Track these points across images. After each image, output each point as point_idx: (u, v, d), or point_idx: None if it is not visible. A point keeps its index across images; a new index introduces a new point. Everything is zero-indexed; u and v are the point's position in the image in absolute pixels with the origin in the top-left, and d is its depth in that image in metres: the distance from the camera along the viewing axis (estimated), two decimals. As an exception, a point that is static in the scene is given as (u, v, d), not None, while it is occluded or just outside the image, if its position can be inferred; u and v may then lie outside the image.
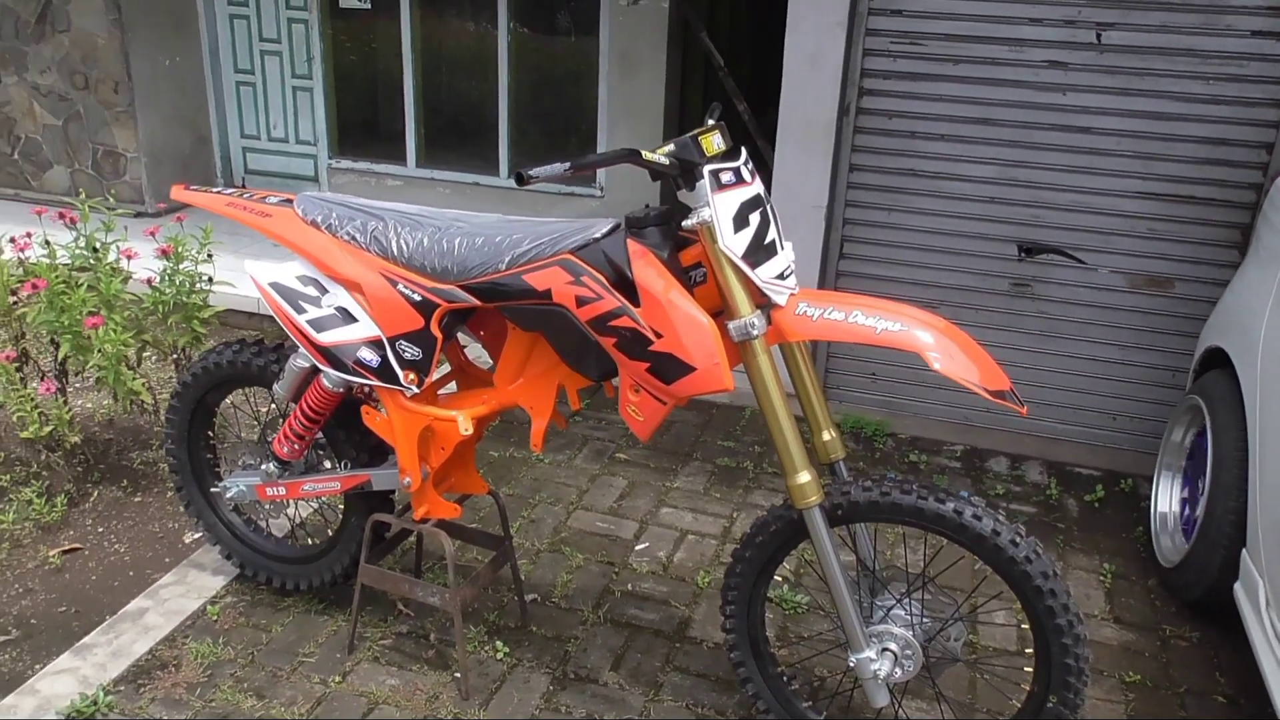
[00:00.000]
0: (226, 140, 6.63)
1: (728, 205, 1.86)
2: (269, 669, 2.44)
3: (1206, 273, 3.43)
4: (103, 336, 3.18)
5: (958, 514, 1.92)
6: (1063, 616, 1.91)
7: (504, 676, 2.45)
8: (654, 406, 1.98)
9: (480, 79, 6.00)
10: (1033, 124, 3.44)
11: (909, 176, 3.64)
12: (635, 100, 5.68)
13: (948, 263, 3.69)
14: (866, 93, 3.57)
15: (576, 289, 1.96)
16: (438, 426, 2.24)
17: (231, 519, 2.69)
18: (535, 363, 2.20)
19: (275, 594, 2.70)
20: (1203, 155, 3.32)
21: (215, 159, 6.61)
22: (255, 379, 2.46)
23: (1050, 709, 1.98)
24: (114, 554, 2.91)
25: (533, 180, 1.67)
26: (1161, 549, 2.96)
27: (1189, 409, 2.95)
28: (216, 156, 6.62)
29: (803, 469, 1.94)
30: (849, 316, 1.87)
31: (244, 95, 6.53)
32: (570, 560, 2.93)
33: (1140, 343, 3.58)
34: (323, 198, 2.29)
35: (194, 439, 2.64)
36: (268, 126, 6.56)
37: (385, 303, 2.16)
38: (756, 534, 2.11)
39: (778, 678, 2.23)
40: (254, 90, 6.49)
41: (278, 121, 6.53)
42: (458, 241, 2.11)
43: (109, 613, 2.61)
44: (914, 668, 2.05)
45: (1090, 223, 3.50)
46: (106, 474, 3.33)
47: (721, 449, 3.63)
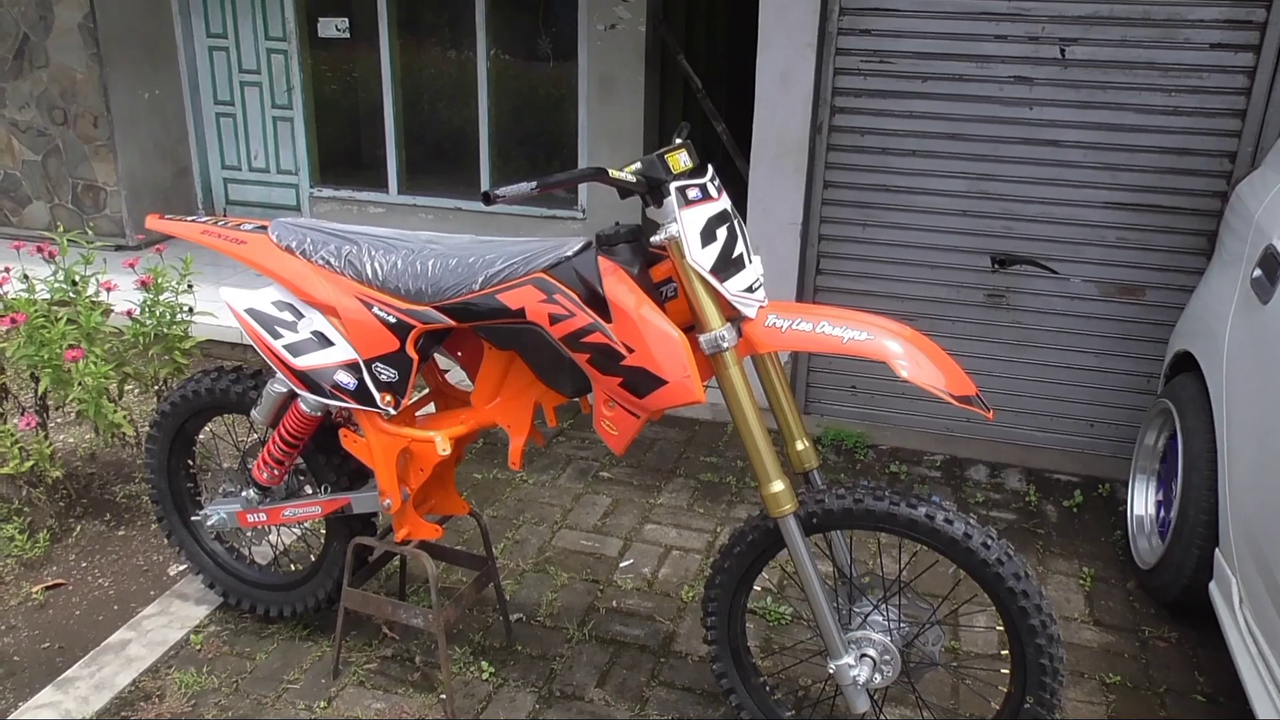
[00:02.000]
0: (208, 171, 6.66)
1: (695, 221, 1.89)
2: (254, 697, 2.44)
3: (1176, 280, 3.49)
4: (83, 369, 3.18)
5: (930, 519, 1.95)
6: (1035, 617, 1.94)
7: (489, 696, 2.45)
8: (628, 420, 2.00)
9: (460, 105, 6.05)
10: (1001, 138, 3.51)
11: (882, 192, 3.69)
12: (615, 123, 5.74)
13: (923, 275, 3.73)
14: (838, 111, 3.63)
15: (549, 307, 1.99)
16: (416, 448, 2.25)
17: (214, 548, 2.69)
18: (512, 382, 2.22)
19: (259, 621, 2.70)
20: (1167, 165, 3.38)
21: (196, 190, 6.64)
22: (234, 406, 2.47)
23: (1028, 709, 2.00)
24: (98, 588, 2.90)
25: (499, 199, 1.71)
26: (1139, 551, 2.99)
27: (1160, 412, 2.99)
28: (198, 188, 6.64)
29: (776, 478, 1.97)
30: (816, 327, 1.90)
31: (224, 126, 6.56)
32: (555, 579, 2.94)
33: (1114, 350, 3.63)
34: (296, 223, 2.32)
35: (174, 468, 2.65)
36: (248, 157, 6.59)
37: (360, 326, 2.18)
38: (734, 545, 2.13)
39: (761, 687, 2.24)
40: (234, 121, 6.53)
41: (259, 151, 6.56)
42: (431, 263, 2.13)
43: (94, 647, 2.61)
44: (893, 673, 2.07)
45: (1060, 233, 3.55)
46: (89, 508, 3.32)
47: (704, 465, 3.66)
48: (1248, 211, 2.72)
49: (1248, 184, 2.89)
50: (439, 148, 6.21)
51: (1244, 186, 2.89)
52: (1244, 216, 2.74)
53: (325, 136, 6.44)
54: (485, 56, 5.88)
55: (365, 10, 6.00)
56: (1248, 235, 2.63)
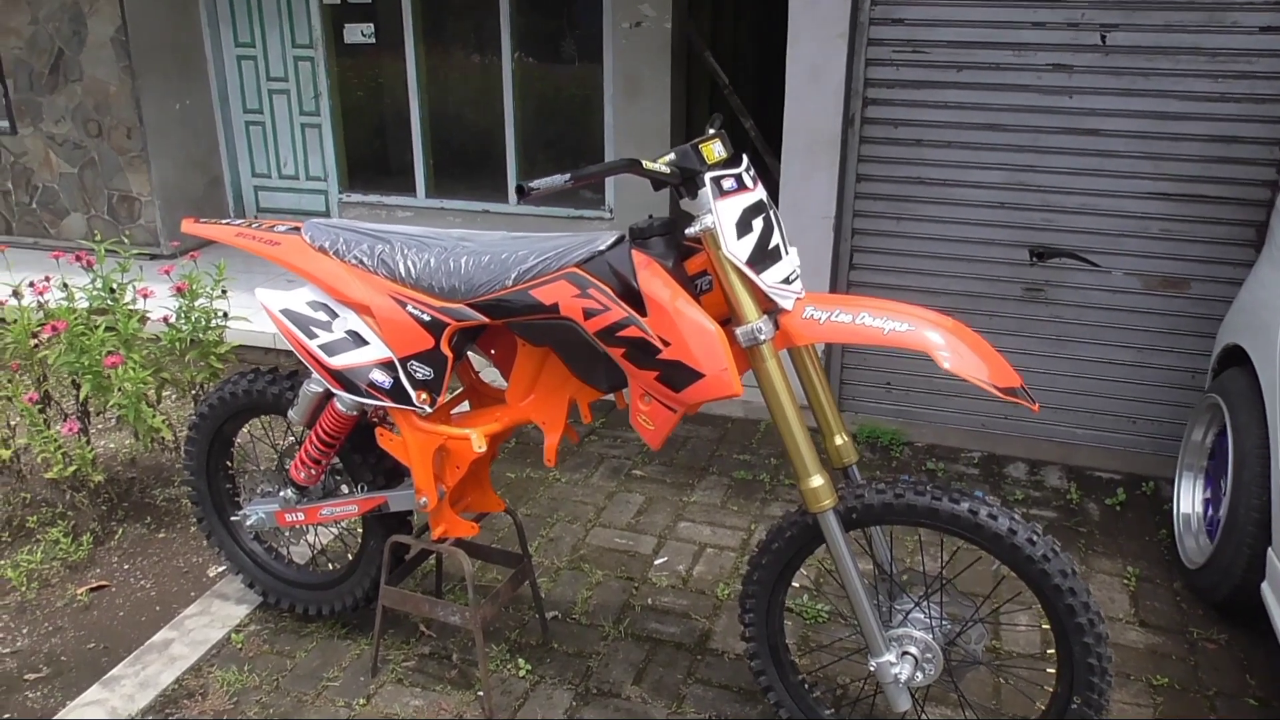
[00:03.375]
0: (238, 179, 6.72)
1: (730, 211, 1.87)
2: (294, 694, 2.44)
3: (1222, 272, 3.41)
4: (122, 375, 3.22)
5: (973, 513, 1.91)
6: (1083, 615, 1.89)
7: (527, 694, 2.44)
8: (664, 415, 1.98)
9: (486, 108, 6.06)
10: (1039, 128, 3.45)
11: (916, 185, 3.64)
12: (641, 122, 5.72)
13: (959, 269, 3.68)
14: (870, 103, 3.59)
15: (583, 301, 1.97)
16: (451, 445, 2.25)
17: (253, 548, 2.70)
18: (546, 378, 2.21)
19: (298, 620, 2.71)
20: (1213, 154, 3.31)
21: (228, 198, 6.71)
22: (271, 407, 2.48)
23: (1075, 710, 1.95)
24: (140, 590, 2.93)
25: (533, 192, 1.69)
26: (1186, 550, 2.92)
27: (1209, 408, 2.92)
28: (229, 196, 6.71)
29: (815, 473, 1.94)
30: (856, 318, 1.87)
31: (254, 135, 6.62)
32: (590, 577, 2.92)
33: (1157, 344, 3.55)
34: (329, 223, 2.32)
35: (213, 470, 2.66)
36: (278, 164, 6.65)
37: (395, 324, 2.18)
38: (772, 540, 2.10)
39: (799, 685, 2.21)
40: (263, 129, 6.59)
41: (288, 159, 6.62)
42: (464, 260, 2.13)
43: (136, 647, 2.63)
44: (935, 671, 2.04)
45: (1102, 225, 3.49)
46: (130, 512, 3.35)
47: (738, 462, 3.63)
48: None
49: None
50: (465, 151, 6.23)
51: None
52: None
53: (353, 142, 6.48)
54: (510, 59, 5.89)
55: (390, 16, 6.03)
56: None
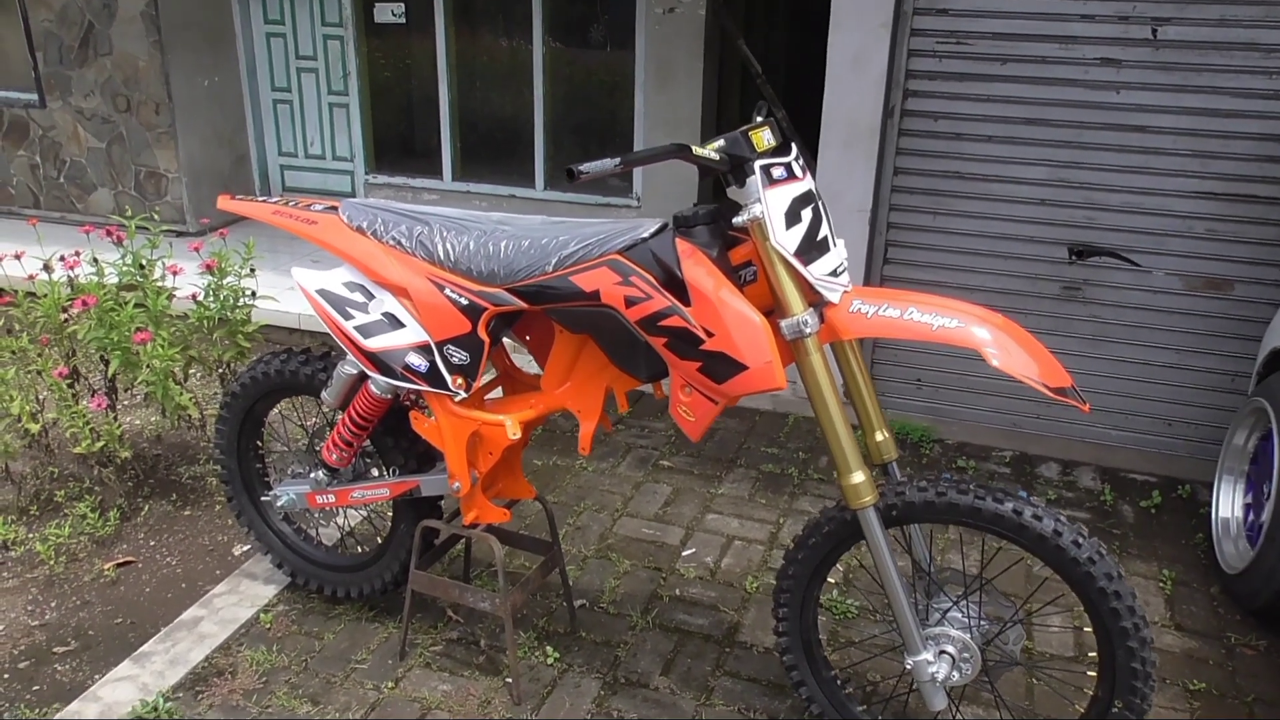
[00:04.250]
0: (265, 158, 6.71)
1: (779, 201, 1.84)
2: (323, 676, 2.44)
3: (1267, 274, 3.34)
4: (151, 352, 3.22)
5: (1017, 514, 1.87)
6: (1128, 619, 1.86)
7: (555, 681, 2.43)
8: (705, 406, 1.96)
9: (516, 92, 6.03)
10: (1084, 123, 3.38)
11: (955, 179, 3.59)
12: (673, 110, 5.67)
13: (995, 266, 3.63)
14: (911, 94, 3.53)
15: (625, 289, 1.95)
16: (485, 431, 2.23)
17: (282, 528, 2.70)
18: (583, 365, 2.19)
19: (326, 602, 2.71)
20: (1264, 153, 3.23)
21: (254, 177, 6.70)
22: (303, 388, 2.47)
23: (1116, 713, 1.92)
24: (166, 566, 2.93)
25: (583, 176, 1.66)
26: (1224, 555, 2.87)
27: (1253, 412, 2.87)
28: (255, 174, 6.70)
29: (857, 469, 1.91)
30: (904, 314, 1.84)
31: (281, 113, 6.61)
32: (617, 566, 2.90)
33: (1197, 346, 3.49)
34: (367, 203, 2.30)
35: (243, 449, 2.66)
36: (305, 143, 6.64)
37: (432, 307, 2.16)
38: (809, 536, 2.07)
39: (831, 681, 2.19)
40: (291, 108, 6.57)
41: (314, 138, 6.60)
42: (503, 244, 2.10)
43: (164, 624, 2.63)
44: (972, 671, 2.01)
45: (1145, 224, 3.42)
46: (156, 489, 3.36)
47: (766, 455, 3.60)
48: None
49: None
50: (493, 135, 6.20)
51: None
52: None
53: (380, 123, 6.46)
54: (541, 43, 5.84)
55: (422, -3, 6.01)
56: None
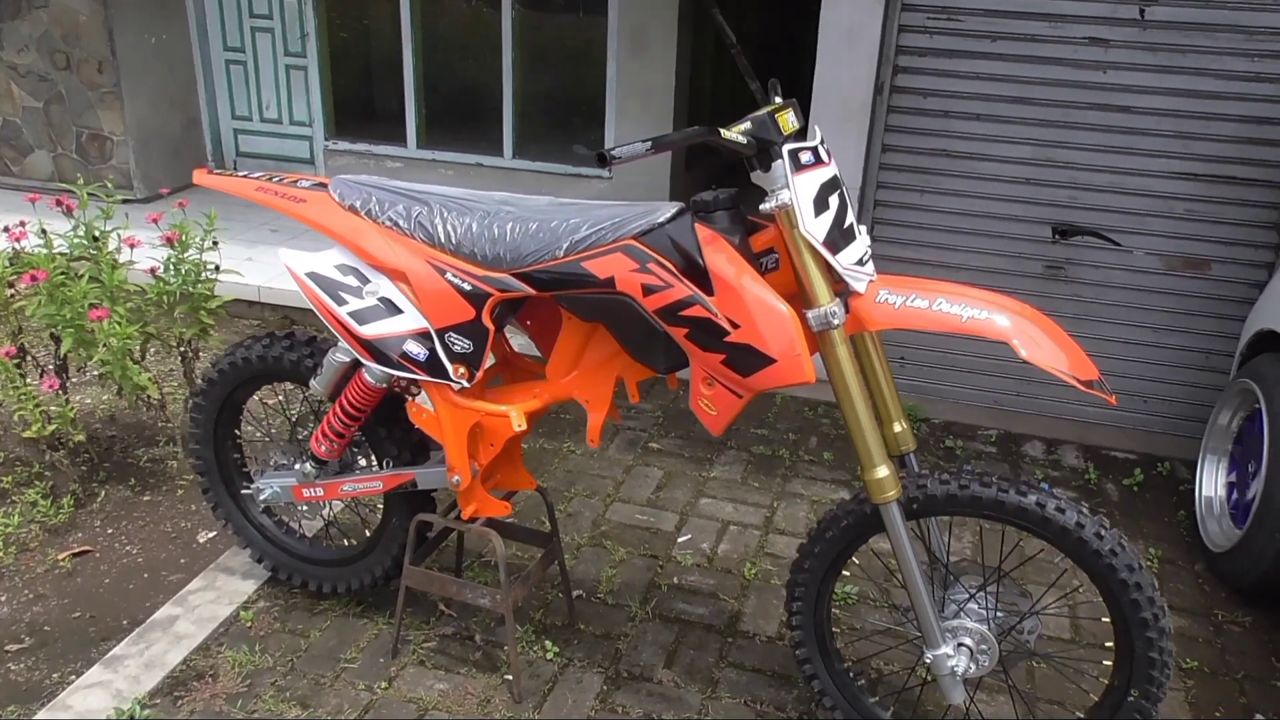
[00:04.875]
0: (217, 121, 6.45)
1: (808, 187, 1.77)
2: (311, 676, 2.34)
3: (1243, 254, 3.38)
4: (107, 330, 3.05)
5: (1041, 507, 1.85)
6: (1148, 610, 1.85)
7: (555, 677, 2.37)
8: (729, 400, 1.89)
9: (483, 56, 5.85)
10: (1071, 103, 3.36)
11: (942, 157, 3.55)
12: (645, 79, 5.56)
13: (981, 245, 3.61)
14: (901, 70, 3.48)
15: (642, 277, 1.87)
16: (487, 422, 2.14)
17: (262, 521, 2.58)
18: (592, 354, 2.10)
19: (310, 598, 2.61)
20: (1244, 135, 3.25)
21: (206, 141, 6.43)
22: (287, 374, 2.35)
23: (1131, 703, 1.92)
24: (126, 555, 2.80)
25: (616, 161, 1.58)
26: (1209, 534, 2.91)
27: (1239, 392, 2.89)
28: (207, 139, 6.43)
29: (881, 463, 1.87)
30: (933, 304, 1.79)
31: (234, 74, 6.34)
32: (612, 554, 2.84)
33: (1174, 325, 3.53)
34: (359, 181, 2.18)
35: (221, 438, 2.53)
36: (260, 107, 6.38)
37: (433, 293, 2.05)
38: (826, 529, 2.03)
39: (844, 674, 2.16)
40: (245, 69, 6.31)
41: (270, 102, 6.35)
42: (509, 227, 2.00)
43: (125, 617, 2.52)
44: (990, 663, 1.99)
45: (1127, 204, 3.43)
46: (112, 473, 3.21)
47: (755, 437, 3.56)
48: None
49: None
50: (460, 101, 6.02)
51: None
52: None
53: (341, 87, 6.23)
54: (510, 6, 5.67)
55: (385, -46, 5.78)
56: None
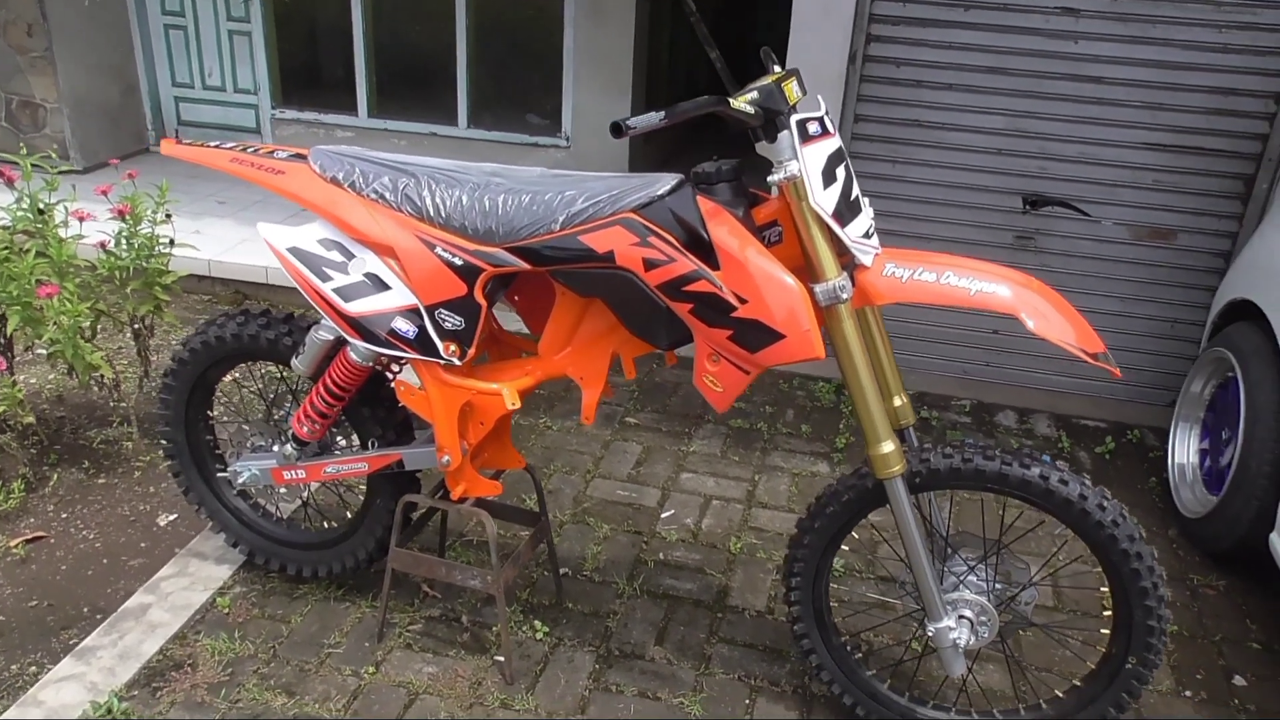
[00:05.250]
0: (156, 89, 6.18)
1: (816, 158, 1.73)
2: (295, 663, 2.27)
3: (1208, 224, 3.43)
4: (57, 307, 2.91)
5: (1044, 479, 1.86)
6: (1147, 579, 1.87)
7: (546, 657, 2.33)
8: (735, 376, 1.85)
9: (436, 22, 5.68)
10: (1042, 73, 3.37)
11: (914, 127, 3.54)
12: (604, 47, 5.45)
13: (951, 215, 3.62)
14: (874, 39, 3.45)
15: (644, 251, 1.81)
16: (478, 401, 2.08)
17: (237, 504, 2.49)
18: (586, 329, 2.05)
19: (288, 582, 2.53)
20: (1211, 105, 3.29)
21: (145, 110, 6.17)
22: (264, 353, 2.25)
23: (1130, 669, 1.95)
24: (83, 541, 2.69)
25: (631, 131, 1.53)
26: (1182, 500, 2.97)
27: (1212, 361, 2.94)
28: (146, 107, 6.17)
29: (886, 438, 1.86)
30: (941, 277, 1.77)
31: (174, 39, 6.07)
32: (596, 531, 2.81)
33: (1141, 295, 3.58)
34: (339, 152, 2.09)
35: (192, 420, 2.42)
36: (202, 74, 6.13)
37: (422, 268, 1.98)
38: (827, 504, 2.01)
39: (842, 648, 2.16)
40: (185, 34, 6.05)
41: (213, 68, 6.11)
42: (501, 199, 1.93)
43: (86, 604, 2.42)
44: (989, 634, 2.00)
45: (1096, 174, 3.46)
46: (64, 455, 3.08)
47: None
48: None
49: (1320, 128, 2.82)
50: (412, 68, 5.85)
51: (1317, 130, 2.82)
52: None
53: (287, 53, 6.01)
54: (463, -31, 5.52)
55: (333, -87, 5.57)
56: (1329, 181, 2.56)
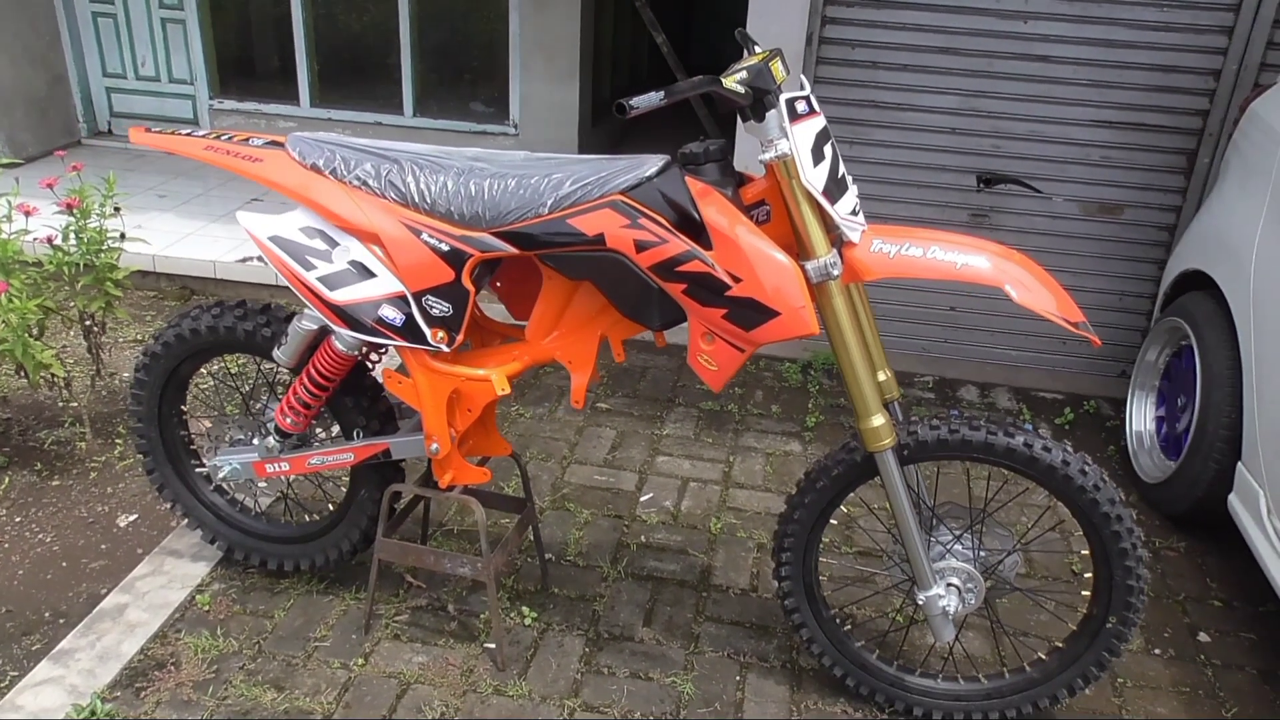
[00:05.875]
0: (86, 79, 5.98)
1: (806, 137, 1.76)
2: (281, 658, 2.24)
3: (1154, 198, 3.55)
4: (6, 305, 2.82)
5: (1028, 447, 1.91)
6: (1127, 540, 1.95)
7: (536, 643, 2.33)
8: (730, 355, 1.87)
9: (379, 8, 5.59)
10: (993, 53, 3.45)
11: (870, 108, 3.60)
12: (550, 33, 5.42)
13: (908, 195, 3.69)
14: (829, 21, 3.49)
15: (634, 233, 1.82)
16: (465, 388, 2.06)
17: (214, 500, 2.44)
18: (574, 313, 2.05)
19: (268, 577, 2.49)
20: (1154, 83, 3.40)
21: (75, 101, 5.96)
22: (241, 345, 2.21)
23: (1110, 628, 2.02)
24: (40, 544, 2.62)
25: (633, 111, 1.53)
26: (1141, 466, 3.08)
27: (1166, 330, 3.05)
28: (76, 98, 5.96)
29: (876, 412, 1.89)
30: (927, 252, 1.81)
31: (103, 27, 5.87)
32: (577, 516, 2.81)
33: (1091, 269, 3.69)
34: (317, 138, 2.05)
35: (165, 415, 2.37)
36: (135, 63, 5.95)
37: (409, 255, 1.96)
38: (817, 479, 2.05)
39: (831, 621, 2.20)
40: (115, 22, 5.85)
41: (146, 57, 5.92)
42: (487, 184, 1.92)
43: (46, 609, 2.36)
44: (976, 600, 2.06)
45: (1046, 152, 3.55)
46: (14, 457, 2.99)
47: (702, 393, 3.56)
48: (1271, 129, 2.75)
49: (1264, 101, 2.92)
50: (355, 56, 5.74)
51: (1260, 104, 2.93)
52: (1268, 133, 2.77)
53: (225, 41, 5.85)
54: (405, -45, 5.43)
55: (269, -104, 5.43)
56: (1275, 152, 2.66)
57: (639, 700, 2.19)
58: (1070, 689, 2.09)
